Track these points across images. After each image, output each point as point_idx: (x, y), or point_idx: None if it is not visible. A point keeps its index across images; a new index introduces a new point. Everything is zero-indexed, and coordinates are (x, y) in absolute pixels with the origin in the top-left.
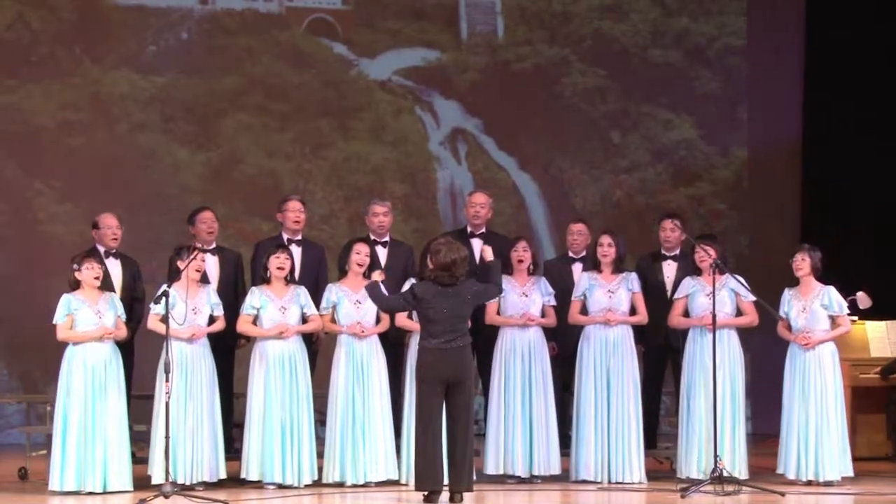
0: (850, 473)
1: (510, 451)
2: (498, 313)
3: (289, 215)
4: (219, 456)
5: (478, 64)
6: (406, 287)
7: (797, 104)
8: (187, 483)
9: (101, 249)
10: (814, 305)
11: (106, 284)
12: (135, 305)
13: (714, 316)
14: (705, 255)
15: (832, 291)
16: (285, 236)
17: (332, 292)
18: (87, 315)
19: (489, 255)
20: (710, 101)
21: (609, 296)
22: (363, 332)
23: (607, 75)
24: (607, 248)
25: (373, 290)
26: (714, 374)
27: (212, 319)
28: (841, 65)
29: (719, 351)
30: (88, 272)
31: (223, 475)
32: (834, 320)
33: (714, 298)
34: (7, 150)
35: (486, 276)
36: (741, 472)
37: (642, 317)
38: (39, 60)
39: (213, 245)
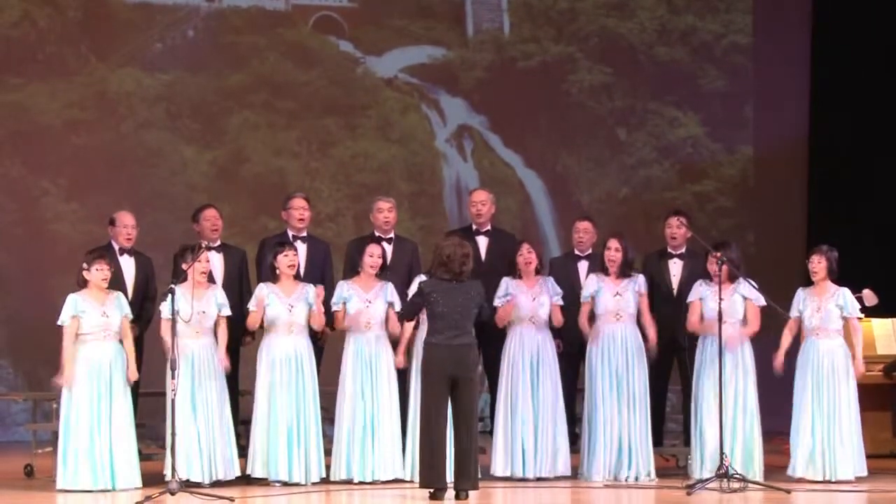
0: (864, 472)
1: (518, 451)
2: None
3: (293, 213)
4: (232, 453)
5: (484, 61)
6: (414, 285)
7: (804, 101)
8: (205, 482)
9: (116, 246)
10: (829, 305)
11: (117, 283)
12: (146, 304)
13: (720, 322)
14: (715, 264)
15: (847, 293)
16: (290, 234)
17: (344, 289)
18: (94, 317)
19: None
20: (717, 98)
21: (617, 298)
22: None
23: (613, 73)
24: (614, 253)
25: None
26: (720, 373)
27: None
28: (848, 62)
29: (731, 356)
30: (97, 273)
31: (237, 472)
32: (846, 321)
33: (720, 306)
34: (13, 149)
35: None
36: (756, 471)
37: (647, 321)
38: (45, 59)
39: (218, 242)
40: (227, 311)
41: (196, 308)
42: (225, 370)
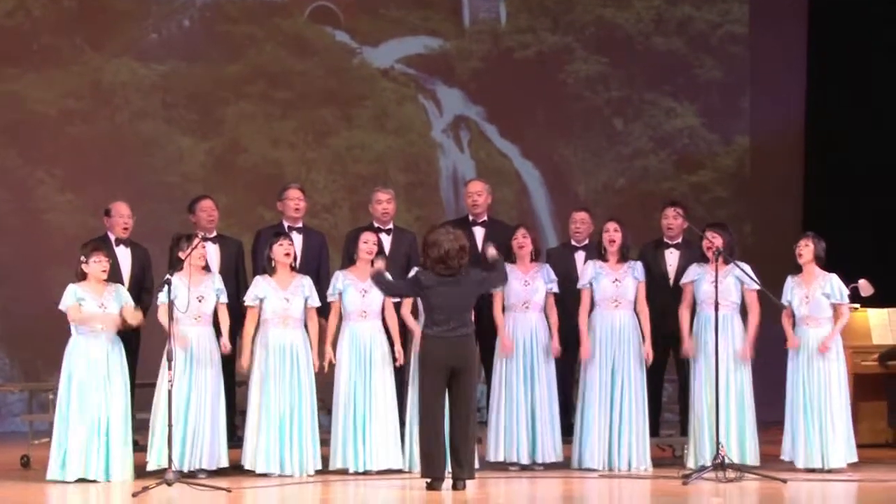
0: (855, 459)
1: (512, 438)
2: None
3: (289, 203)
4: (221, 443)
5: (480, 52)
6: (412, 274)
7: (800, 91)
8: (187, 470)
9: (112, 237)
10: (816, 294)
11: (114, 274)
12: (143, 295)
13: (717, 304)
14: (710, 243)
15: (834, 279)
16: (286, 224)
17: (339, 280)
18: (92, 307)
19: (492, 252)
20: (713, 88)
21: (616, 285)
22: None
23: (610, 63)
24: (613, 234)
25: (377, 278)
26: (716, 362)
27: (216, 311)
28: (844, 52)
29: (724, 340)
30: (96, 265)
31: (225, 463)
32: (835, 308)
33: (717, 287)
34: (9, 139)
35: (492, 271)
36: (753, 459)
37: (642, 309)
38: (40, 49)
39: (214, 233)
40: (224, 298)
41: (193, 293)
42: (224, 350)
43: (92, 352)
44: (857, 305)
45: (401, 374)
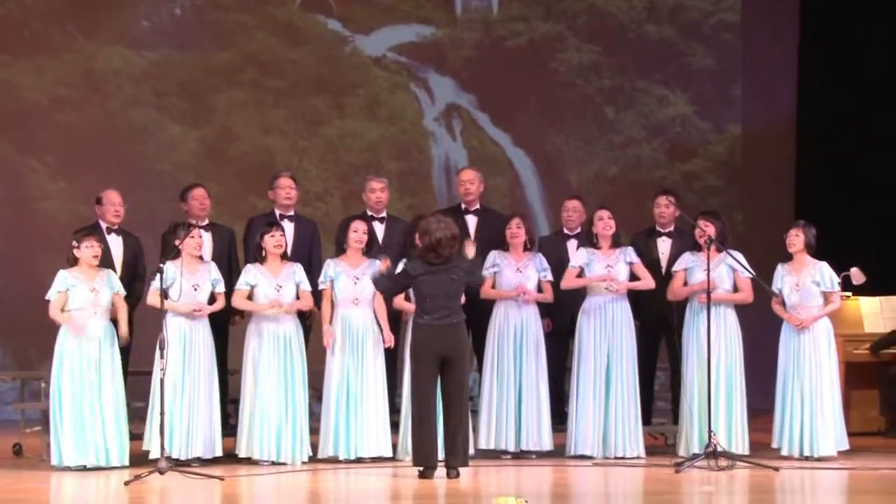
0: (846, 447)
1: (502, 426)
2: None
3: (280, 192)
4: (215, 432)
5: (472, 40)
6: (400, 267)
7: (792, 80)
8: (182, 458)
9: (104, 225)
10: (806, 282)
11: (106, 262)
12: (135, 283)
13: (709, 293)
14: (703, 232)
15: (825, 267)
16: (277, 213)
17: (331, 267)
18: (82, 292)
19: (471, 252)
20: (705, 76)
21: (608, 270)
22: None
23: (602, 51)
24: (608, 221)
25: (377, 280)
26: (708, 350)
27: (213, 297)
28: (836, 40)
29: (716, 328)
30: (88, 251)
31: (219, 452)
32: (826, 296)
33: (708, 275)
34: (0, 127)
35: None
36: (742, 448)
37: (648, 280)
38: (32, 36)
39: (206, 221)
40: (221, 288)
41: (189, 282)
42: (198, 307)
43: (85, 337)
44: (849, 294)
45: (393, 362)
